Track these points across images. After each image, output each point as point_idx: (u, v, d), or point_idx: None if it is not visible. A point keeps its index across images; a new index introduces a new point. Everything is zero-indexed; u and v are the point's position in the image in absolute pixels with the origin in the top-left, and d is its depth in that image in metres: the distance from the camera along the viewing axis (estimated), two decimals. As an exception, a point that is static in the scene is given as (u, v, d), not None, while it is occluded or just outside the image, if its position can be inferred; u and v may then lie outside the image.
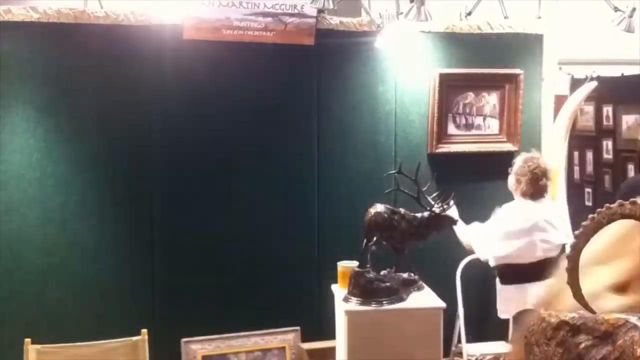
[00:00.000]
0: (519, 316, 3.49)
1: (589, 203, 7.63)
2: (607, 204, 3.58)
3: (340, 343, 3.56)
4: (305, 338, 3.98)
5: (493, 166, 4.20)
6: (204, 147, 3.88)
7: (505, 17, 4.19)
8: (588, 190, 7.62)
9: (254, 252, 3.97)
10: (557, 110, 4.48)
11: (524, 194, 3.68)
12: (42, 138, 3.66)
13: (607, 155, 7.28)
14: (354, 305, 3.40)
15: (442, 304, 3.42)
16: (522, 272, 3.64)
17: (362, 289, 3.41)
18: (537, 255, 3.63)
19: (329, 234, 4.02)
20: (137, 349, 3.50)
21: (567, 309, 1.16)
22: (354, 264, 3.54)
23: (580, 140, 7.46)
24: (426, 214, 3.53)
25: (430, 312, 3.39)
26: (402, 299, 3.43)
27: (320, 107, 4.00)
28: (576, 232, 3.65)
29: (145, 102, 3.78)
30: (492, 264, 3.74)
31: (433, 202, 3.56)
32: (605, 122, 7.27)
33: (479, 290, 4.24)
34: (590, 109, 7.35)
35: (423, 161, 3.99)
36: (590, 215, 3.78)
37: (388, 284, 3.45)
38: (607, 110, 7.19)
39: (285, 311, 4.00)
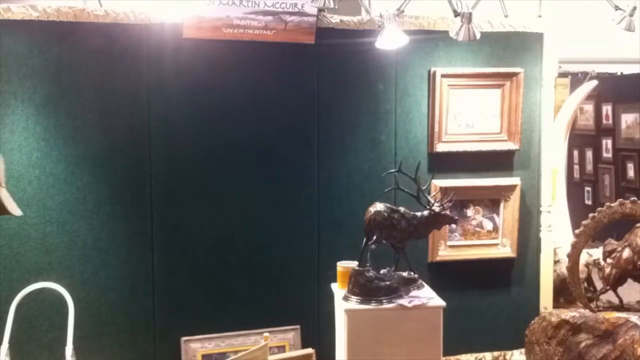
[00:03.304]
0: None
1: (588, 202, 7.65)
2: (608, 203, 3.62)
3: (340, 342, 3.56)
4: (304, 337, 3.99)
5: (494, 165, 4.21)
6: (203, 146, 3.88)
7: (505, 16, 4.19)
8: (588, 189, 7.64)
9: (254, 251, 3.97)
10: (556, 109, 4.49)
11: None
12: (42, 137, 3.66)
13: (607, 154, 7.30)
14: (354, 304, 3.40)
15: (442, 303, 3.43)
16: None
17: (362, 288, 3.42)
18: None
19: (329, 233, 4.02)
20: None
21: None
22: (353, 264, 3.55)
23: (580, 139, 7.49)
24: (426, 212, 3.54)
25: (430, 311, 3.40)
26: (401, 298, 3.43)
27: (321, 106, 4.00)
28: (576, 231, 3.71)
29: (145, 101, 3.77)
30: None
31: (433, 201, 3.57)
32: (604, 121, 7.29)
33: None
34: (589, 107, 7.37)
35: (423, 160, 4.00)
36: (590, 214, 3.84)
37: (388, 282, 3.45)
38: (607, 109, 7.21)
39: (285, 310, 4.00)
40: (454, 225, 4.07)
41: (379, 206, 3.46)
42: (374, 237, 3.44)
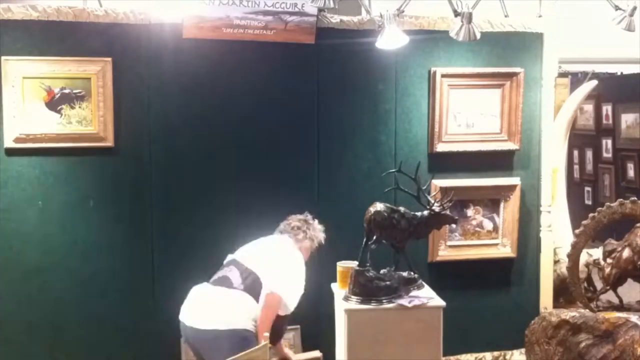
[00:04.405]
0: None
1: (588, 202, 7.65)
2: (608, 203, 3.62)
3: (340, 342, 3.56)
4: (304, 337, 3.98)
5: (494, 165, 4.21)
6: (203, 146, 3.88)
7: (505, 16, 4.19)
8: (588, 189, 7.63)
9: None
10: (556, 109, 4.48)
11: None
12: (42, 137, 3.66)
13: (607, 154, 7.30)
14: (354, 304, 3.40)
15: (442, 303, 3.42)
16: None
17: (362, 288, 3.42)
18: None
19: (329, 233, 4.01)
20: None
21: None
22: (353, 263, 3.55)
23: (580, 139, 7.48)
24: (426, 212, 3.54)
25: (430, 311, 3.40)
26: (401, 298, 3.43)
27: (321, 106, 4.00)
28: (576, 231, 3.71)
29: (145, 101, 3.77)
30: None
31: (433, 201, 3.56)
32: (604, 121, 7.29)
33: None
34: (589, 107, 7.36)
35: (423, 160, 4.00)
36: (590, 214, 3.84)
37: (388, 282, 3.45)
38: (607, 109, 7.21)
39: (285, 310, 3.99)
40: (454, 225, 4.07)
41: (379, 206, 3.46)
42: (374, 237, 3.44)
